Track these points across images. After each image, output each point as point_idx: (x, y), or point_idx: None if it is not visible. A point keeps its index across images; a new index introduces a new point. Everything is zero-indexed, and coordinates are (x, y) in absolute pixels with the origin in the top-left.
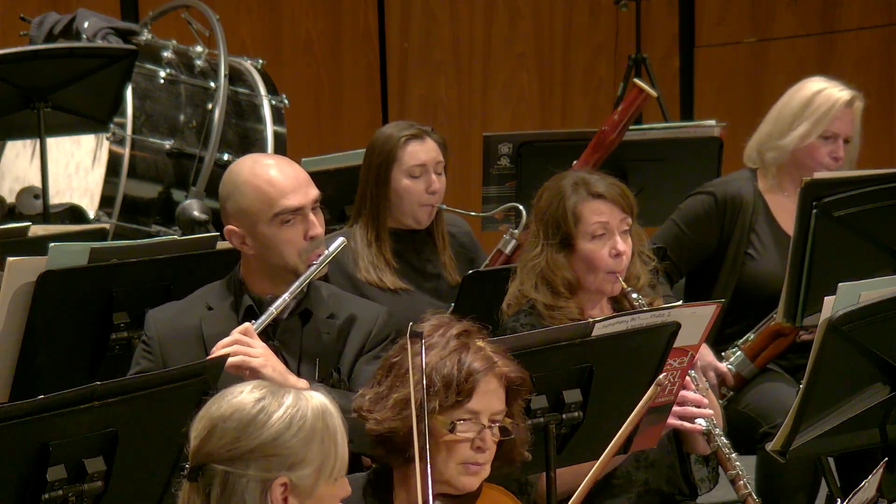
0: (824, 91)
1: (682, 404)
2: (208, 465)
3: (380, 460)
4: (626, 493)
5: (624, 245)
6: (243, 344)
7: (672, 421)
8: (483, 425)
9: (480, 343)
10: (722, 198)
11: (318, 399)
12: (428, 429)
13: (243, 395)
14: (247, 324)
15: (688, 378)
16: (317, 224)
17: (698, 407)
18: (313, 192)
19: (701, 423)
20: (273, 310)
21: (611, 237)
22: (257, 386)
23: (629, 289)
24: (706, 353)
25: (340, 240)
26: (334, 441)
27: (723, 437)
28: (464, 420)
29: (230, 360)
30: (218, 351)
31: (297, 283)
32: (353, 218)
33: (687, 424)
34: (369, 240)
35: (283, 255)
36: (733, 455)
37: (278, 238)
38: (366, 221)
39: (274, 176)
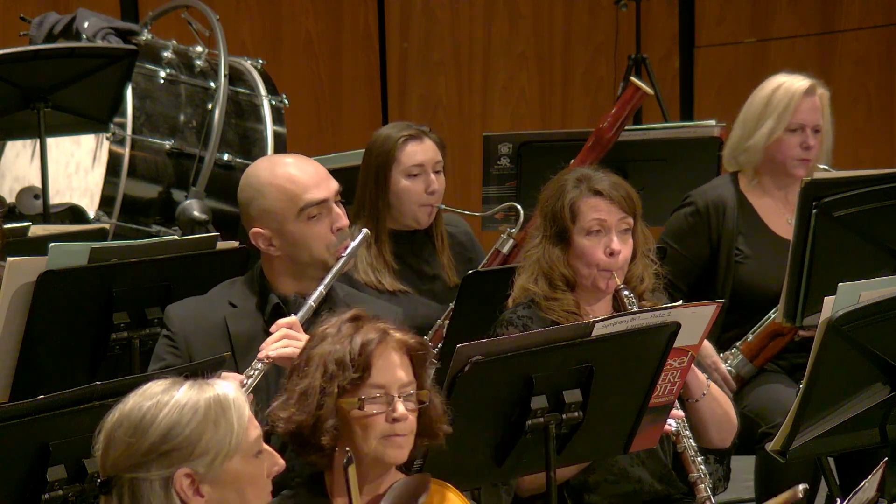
0: (783, 85)
1: None
2: (116, 477)
3: (309, 466)
4: (619, 489)
5: (620, 245)
6: (291, 337)
7: None
8: (393, 397)
9: (374, 322)
10: (704, 206)
11: (221, 387)
12: (336, 412)
13: (132, 401)
14: (292, 317)
15: None
16: (342, 216)
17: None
18: (334, 185)
19: (671, 425)
20: (311, 303)
21: (607, 235)
22: (150, 386)
23: (622, 286)
24: (711, 353)
25: (364, 231)
26: (239, 419)
27: (691, 440)
28: (372, 397)
29: (280, 351)
30: (268, 348)
31: (330, 276)
32: (353, 220)
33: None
34: (369, 241)
35: (312, 251)
36: (699, 459)
37: (307, 234)
38: (365, 223)
39: (294, 173)
